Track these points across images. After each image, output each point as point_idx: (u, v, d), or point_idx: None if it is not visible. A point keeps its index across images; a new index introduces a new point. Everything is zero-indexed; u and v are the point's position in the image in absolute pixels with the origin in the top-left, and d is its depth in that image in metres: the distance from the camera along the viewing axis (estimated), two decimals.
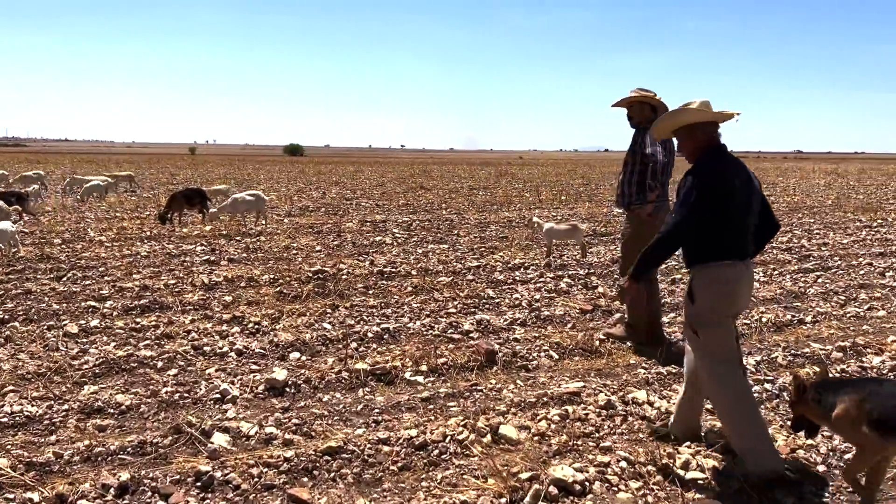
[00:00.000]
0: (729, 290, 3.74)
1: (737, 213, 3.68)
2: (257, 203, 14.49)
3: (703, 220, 3.63)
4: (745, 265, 3.78)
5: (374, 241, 12.61)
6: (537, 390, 5.06)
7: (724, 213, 3.64)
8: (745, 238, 3.78)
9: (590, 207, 19.86)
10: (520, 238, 13.05)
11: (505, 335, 6.54)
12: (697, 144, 3.86)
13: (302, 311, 7.32)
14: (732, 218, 3.67)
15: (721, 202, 3.63)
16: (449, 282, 8.83)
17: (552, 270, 9.77)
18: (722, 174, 3.70)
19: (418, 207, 19.25)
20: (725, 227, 3.67)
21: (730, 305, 3.80)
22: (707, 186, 3.62)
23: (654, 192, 6.01)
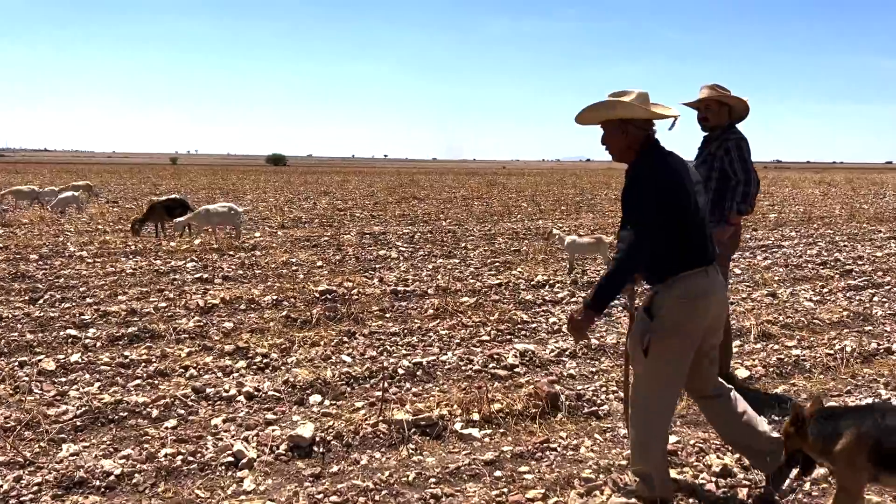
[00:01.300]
0: (704, 303, 3.22)
1: (696, 213, 3.22)
2: (230, 216, 13.42)
3: (668, 230, 3.14)
4: (714, 270, 3.30)
5: (378, 255, 11.68)
6: (622, 447, 4.15)
7: (686, 218, 3.17)
8: (707, 238, 3.30)
9: (594, 219, 19.07)
10: (534, 251, 12.18)
11: (556, 370, 5.65)
12: (629, 142, 3.32)
13: (315, 340, 6.38)
14: (694, 220, 3.21)
15: (678, 207, 3.15)
16: (473, 303, 7.92)
17: (580, 288, 8.90)
18: (672, 175, 3.20)
19: (416, 218, 18.37)
20: (690, 231, 3.19)
21: (702, 321, 3.24)
22: (663, 193, 3.13)
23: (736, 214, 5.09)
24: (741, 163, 5.07)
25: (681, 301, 3.18)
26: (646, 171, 3.21)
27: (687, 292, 3.18)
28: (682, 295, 3.18)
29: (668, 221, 3.12)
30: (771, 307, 7.77)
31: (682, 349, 3.24)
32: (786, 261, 11.22)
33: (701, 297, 3.20)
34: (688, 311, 3.19)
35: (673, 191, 3.15)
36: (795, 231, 15.75)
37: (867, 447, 2.85)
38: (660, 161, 3.26)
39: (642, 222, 3.12)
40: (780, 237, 14.52)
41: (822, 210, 22.02)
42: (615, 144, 3.37)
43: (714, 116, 5.18)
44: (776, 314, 7.35)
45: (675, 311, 3.19)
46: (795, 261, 11.22)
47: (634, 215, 3.18)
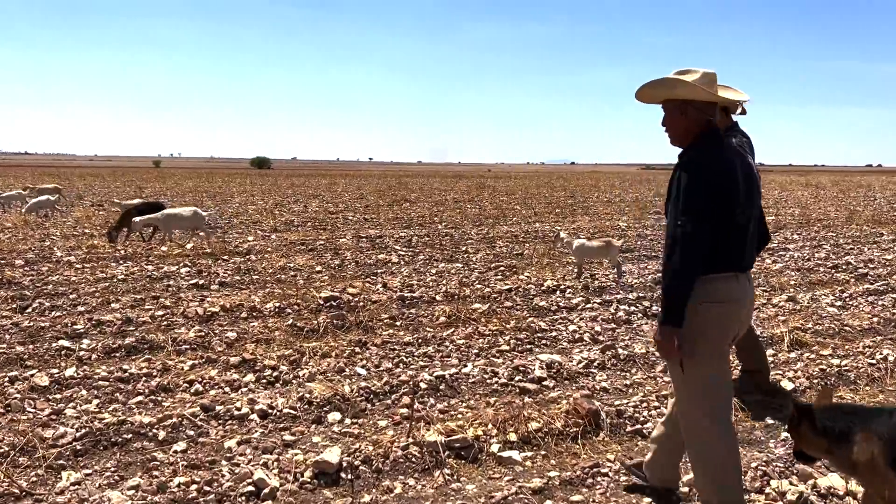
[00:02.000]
0: (730, 309, 2.99)
1: (742, 213, 2.96)
2: (194, 219, 12.93)
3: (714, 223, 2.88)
4: (746, 278, 3.08)
5: (377, 259, 11.31)
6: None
7: (728, 216, 2.91)
8: (748, 244, 3.05)
9: (591, 221, 18.80)
10: (537, 255, 11.85)
11: (586, 383, 5.31)
12: (688, 126, 3.06)
13: (325, 351, 6.01)
14: (737, 220, 2.95)
15: (727, 201, 2.90)
16: (486, 310, 7.58)
17: (592, 294, 8.58)
18: (725, 166, 2.94)
19: (410, 221, 18.00)
20: (730, 231, 2.93)
21: (728, 329, 3.04)
22: (713, 183, 2.87)
23: None
24: None
25: (708, 305, 2.93)
26: (700, 157, 2.96)
27: (714, 296, 2.94)
28: (708, 298, 2.92)
29: (709, 217, 2.85)
30: (795, 313, 7.47)
31: (716, 355, 3.02)
32: (796, 264, 10.96)
33: (730, 302, 2.98)
34: (715, 317, 2.96)
35: (722, 184, 2.89)
36: (797, 234, 15.54)
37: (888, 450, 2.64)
38: (716, 149, 3.00)
39: (694, 210, 2.83)
40: (783, 240, 14.29)
41: (818, 212, 21.88)
42: (674, 127, 3.11)
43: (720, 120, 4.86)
44: (803, 320, 7.05)
45: (701, 317, 2.93)
46: (806, 264, 10.96)
47: (679, 206, 2.88)
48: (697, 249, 2.83)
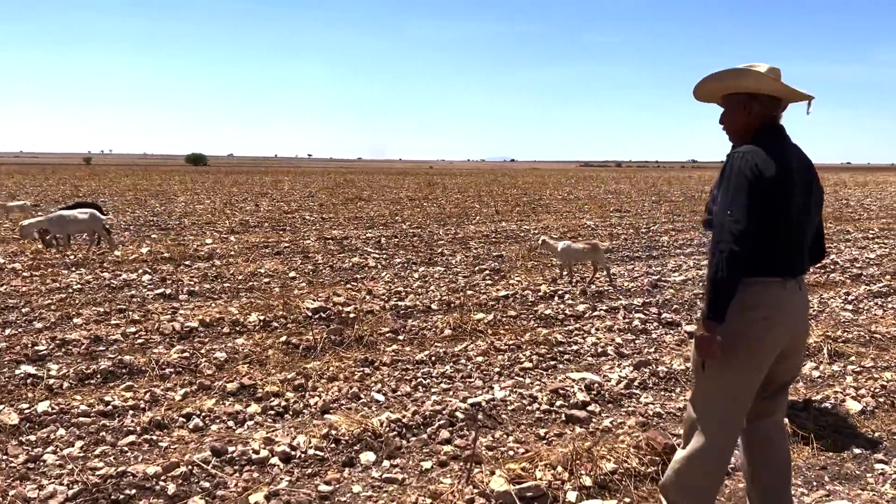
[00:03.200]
0: (773, 317, 2.75)
1: (795, 216, 2.77)
2: (90, 222, 11.92)
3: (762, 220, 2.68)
4: (796, 285, 2.82)
5: (352, 263, 10.63)
6: None
7: (775, 217, 2.71)
8: (800, 249, 2.85)
9: (557, 220, 18.44)
10: (517, 257, 11.36)
11: (633, 406, 4.82)
12: (749, 121, 2.90)
13: (331, 374, 5.37)
14: (790, 220, 2.75)
15: (777, 200, 2.70)
16: (491, 320, 7.03)
17: (592, 299, 8.13)
18: (780, 164, 2.72)
19: (371, 221, 17.31)
20: (779, 233, 2.73)
21: (768, 338, 2.76)
22: (763, 179, 2.67)
23: None
24: None
25: (746, 311, 2.72)
26: (752, 151, 2.73)
27: (754, 302, 2.73)
28: (748, 304, 2.72)
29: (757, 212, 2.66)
30: (813, 319, 7.14)
31: (745, 368, 2.78)
32: None
33: (771, 309, 2.74)
34: (753, 324, 2.73)
35: (773, 181, 2.67)
36: None
37: None
38: (772, 146, 2.77)
39: (741, 204, 2.64)
40: None
41: None
42: (735, 122, 2.94)
43: None
44: (829, 328, 6.70)
45: (738, 321, 2.72)
46: None
47: (726, 199, 2.68)
48: (744, 242, 2.62)
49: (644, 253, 12.12)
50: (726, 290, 2.66)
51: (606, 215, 19.75)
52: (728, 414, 2.84)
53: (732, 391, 2.81)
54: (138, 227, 15.27)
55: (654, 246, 13.04)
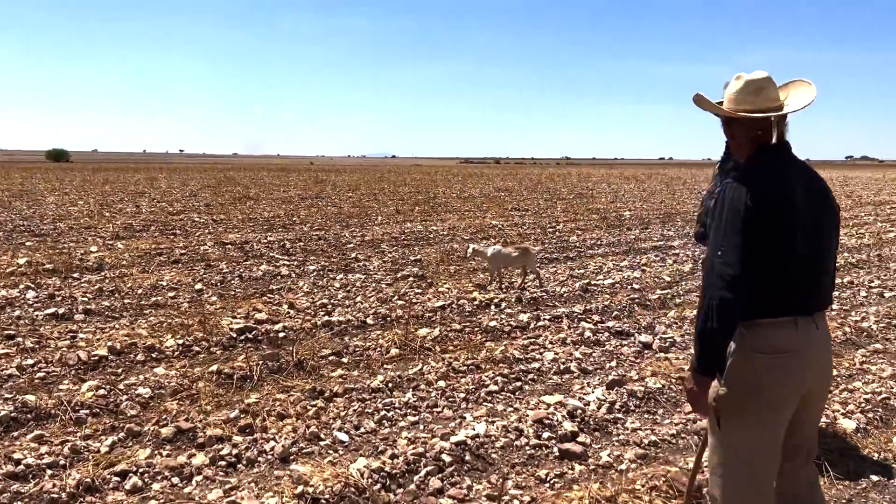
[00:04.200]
0: (788, 362, 2.45)
1: (804, 246, 2.44)
2: None
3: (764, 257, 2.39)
4: (812, 324, 2.50)
5: (263, 272, 9.84)
6: None
7: (784, 247, 2.41)
8: (815, 283, 2.52)
9: (461, 219, 18.10)
10: (437, 262, 10.91)
11: (622, 433, 4.47)
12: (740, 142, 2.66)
13: (279, 409, 4.72)
14: (795, 254, 2.42)
15: (780, 230, 2.39)
16: (438, 336, 6.54)
17: (529, 307, 7.80)
18: (779, 189, 2.43)
19: (269, 223, 16.36)
20: (786, 267, 2.42)
21: (785, 386, 2.47)
22: (761, 209, 2.37)
23: None
24: None
25: (755, 356, 2.45)
26: (746, 176, 2.48)
27: (764, 347, 2.44)
28: (756, 348, 2.45)
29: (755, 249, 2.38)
30: None
31: (762, 422, 2.50)
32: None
33: (782, 354, 2.44)
34: (764, 372, 2.45)
35: (773, 210, 2.38)
36: (673, 230, 15.70)
37: None
38: (769, 170, 2.50)
39: (735, 239, 2.37)
40: (662, 237, 14.32)
41: (672, 206, 22.56)
42: (731, 142, 2.72)
43: None
44: None
45: (746, 369, 2.46)
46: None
47: (727, 229, 2.40)
48: (739, 285, 2.34)
49: (560, 254, 11.95)
50: (716, 343, 2.41)
51: (507, 214, 19.63)
52: (761, 470, 2.54)
53: (758, 447, 2.52)
54: (8, 234, 13.71)
55: (566, 246, 12.92)
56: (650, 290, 8.88)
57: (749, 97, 2.55)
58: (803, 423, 2.61)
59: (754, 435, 2.52)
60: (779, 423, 2.53)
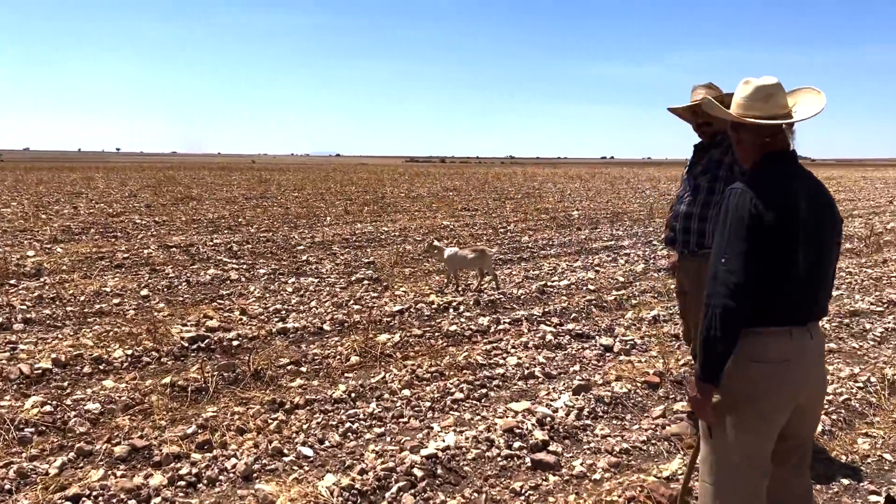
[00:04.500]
0: (781, 371, 2.43)
1: (804, 254, 2.41)
2: None
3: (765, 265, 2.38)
4: (807, 333, 2.48)
5: (211, 276, 9.54)
6: None
7: (784, 255, 2.39)
8: (812, 293, 2.49)
9: (412, 220, 17.95)
10: (392, 264, 10.76)
11: (592, 440, 4.41)
12: (744, 151, 2.61)
13: (239, 423, 4.53)
14: (795, 264, 2.40)
15: (781, 238, 2.37)
16: (399, 342, 6.41)
17: (487, 310, 7.74)
18: (782, 196, 2.40)
19: (214, 225, 15.94)
20: (784, 275, 2.40)
21: (779, 396, 2.46)
22: (762, 218, 2.35)
23: None
24: None
25: (749, 364, 2.44)
26: (751, 184, 2.43)
27: (758, 356, 2.44)
28: (752, 356, 2.44)
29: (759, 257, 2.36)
30: None
31: (754, 429, 2.49)
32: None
33: (776, 363, 2.43)
34: (759, 381, 2.44)
35: (771, 222, 2.35)
36: (622, 230, 15.84)
37: None
38: (774, 178, 2.46)
39: (738, 247, 2.35)
40: (612, 237, 14.43)
41: (618, 206, 22.79)
42: (737, 148, 2.65)
43: (718, 121, 4.23)
44: None
45: (741, 377, 2.45)
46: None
47: (731, 236, 2.38)
48: (741, 295, 2.33)
49: (514, 255, 11.92)
50: (720, 351, 2.38)
51: (457, 214, 19.56)
52: (750, 484, 2.52)
53: (744, 457, 2.50)
54: None
55: (519, 247, 12.91)
56: (606, 290, 8.90)
57: (758, 103, 2.51)
58: (795, 431, 2.59)
59: (746, 443, 2.50)
60: (771, 431, 2.52)
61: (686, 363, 5.83)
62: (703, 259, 4.26)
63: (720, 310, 2.34)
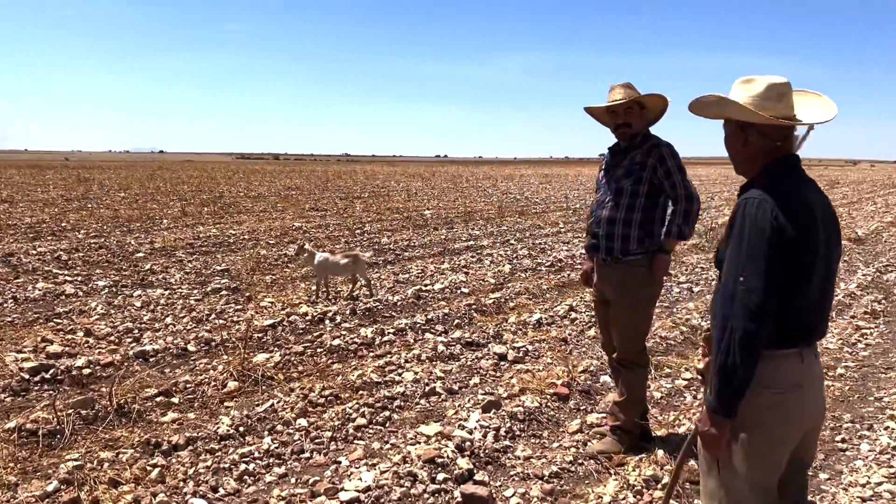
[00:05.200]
0: (792, 398, 2.24)
1: (818, 270, 2.22)
2: None
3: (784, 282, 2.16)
4: (813, 354, 2.32)
5: (43, 291, 8.36)
6: None
7: (800, 273, 2.18)
8: (821, 312, 2.32)
9: (259, 221, 16.99)
10: (248, 270, 9.99)
11: (519, 466, 4.10)
12: (750, 154, 2.34)
13: (111, 476, 3.81)
14: (811, 278, 2.20)
15: (800, 254, 2.16)
16: (280, 362, 5.80)
17: (365, 318, 7.29)
18: (801, 208, 2.19)
19: (34, 231, 14.23)
20: (798, 294, 2.19)
21: (791, 424, 2.27)
22: (784, 232, 2.12)
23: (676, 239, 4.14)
24: (681, 174, 4.09)
25: (761, 391, 2.20)
26: (767, 195, 2.17)
27: (769, 380, 2.20)
28: (762, 382, 2.18)
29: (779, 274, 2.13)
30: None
31: (766, 462, 2.28)
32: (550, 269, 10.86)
33: (788, 389, 2.22)
34: (772, 409, 2.23)
35: (794, 237, 2.13)
36: (477, 229, 15.79)
37: None
38: (791, 187, 2.24)
39: (757, 265, 2.11)
40: (470, 236, 14.34)
41: (467, 205, 22.83)
42: (734, 153, 2.38)
43: (637, 122, 4.12)
44: None
45: (752, 406, 2.20)
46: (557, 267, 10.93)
47: (749, 253, 2.12)
48: (765, 314, 2.09)
49: (378, 258, 11.48)
50: (741, 378, 2.12)
51: (306, 215, 18.79)
52: None
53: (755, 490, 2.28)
54: None
55: (381, 249, 12.48)
56: (482, 293, 8.69)
57: (770, 102, 2.25)
58: (800, 456, 2.39)
59: (759, 475, 2.28)
60: (782, 460, 2.31)
61: (585, 370, 5.67)
62: (629, 266, 4.08)
63: (740, 333, 2.08)
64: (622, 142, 4.19)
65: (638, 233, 4.06)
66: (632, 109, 4.07)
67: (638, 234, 4.06)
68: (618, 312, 4.19)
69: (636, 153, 4.10)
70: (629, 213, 4.05)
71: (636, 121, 4.10)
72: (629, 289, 4.11)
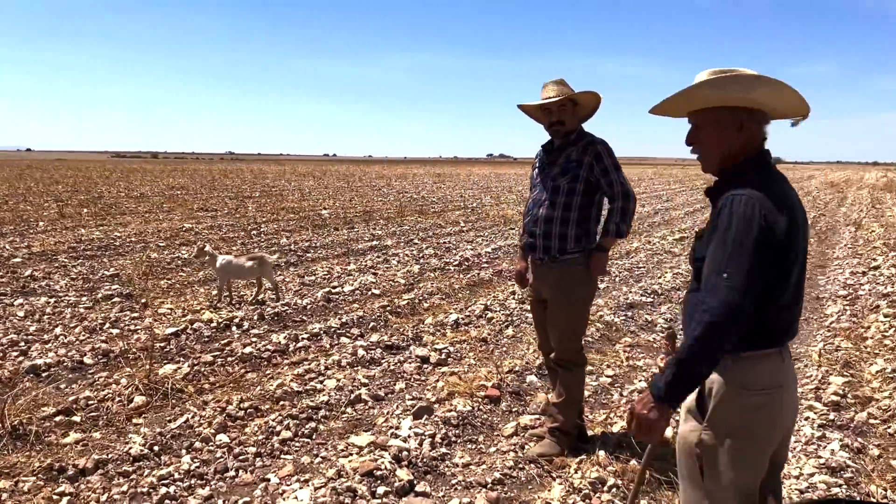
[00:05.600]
0: (774, 399, 2.20)
1: (795, 270, 2.18)
2: None
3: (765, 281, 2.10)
4: (789, 353, 2.30)
5: None
6: None
7: (781, 276, 2.13)
8: (798, 311, 2.29)
9: (146, 223, 16.08)
10: (139, 275, 9.38)
11: (459, 475, 3.95)
12: (741, 145, 2.23)
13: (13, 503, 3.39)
14: (789, 277, 2.16)
15: (785, 254, 2.11)
16: (189, 373, 5.41)
17: (275, 324, 6.96)
18: (790, 208, 2.12)
19: None
20: (780, 293, 2.15)
21: (774, 426, 2.23)
22: (773, 231, 2.06)
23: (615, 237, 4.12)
24: (617, 172, 4.09)
25: (743, 393, 2.16)
26: (755, 192, 2.08)
27: (751, 381, 2.16)
28: (745, 384, 2.16)
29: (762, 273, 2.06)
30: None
31: (750, 466, 2.22)
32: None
33: (771, 389, 2.18)
34: (753, 410, 2.17)
35: (783, 236, 2.07)
36: (379, 229, 15.55)
37: None
38: (773, 183, 2.16)
39: (743, 264, 2.02)
40: (372, 237, 14.10)
41: (364, 204, 22.48)
42: (718, 145, 2.23)
43: (571, 119, 4.09)
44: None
45: (735, 408, 2.17)
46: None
47: (733, 251, 2.03)
48: (739, 316, 2.01)
49: (280, 259, 11.05)
50: (700, 373, 2.07)
51: (196, 215, 17.97)
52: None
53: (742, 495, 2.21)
54: None
55: (281, 250, 12.04)
56: (394, 294, 8.49)
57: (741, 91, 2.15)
58: (777, 456, 2.34)
59: (746, 480, 2.21)
60: (766, 463, 2.25)
61: (511, 370, 5.59)
62: (566, 265, 4.00)
63: (710, 329, 2.00)
64: (556, 139, 4.11)
65: (575, 231, 3.99)
66: (565, 107, 4.00)
67: (575, 232, 3.99)
68: (556, 312, 4.10)
69: (571, 151, 4.03)
70: (566, 211, 3.98)
71: (570, 118, 4.03)
72: (567, 288, 4.04)
